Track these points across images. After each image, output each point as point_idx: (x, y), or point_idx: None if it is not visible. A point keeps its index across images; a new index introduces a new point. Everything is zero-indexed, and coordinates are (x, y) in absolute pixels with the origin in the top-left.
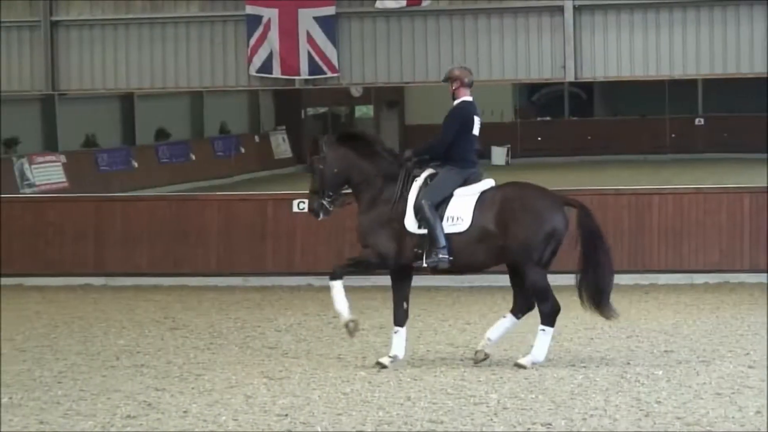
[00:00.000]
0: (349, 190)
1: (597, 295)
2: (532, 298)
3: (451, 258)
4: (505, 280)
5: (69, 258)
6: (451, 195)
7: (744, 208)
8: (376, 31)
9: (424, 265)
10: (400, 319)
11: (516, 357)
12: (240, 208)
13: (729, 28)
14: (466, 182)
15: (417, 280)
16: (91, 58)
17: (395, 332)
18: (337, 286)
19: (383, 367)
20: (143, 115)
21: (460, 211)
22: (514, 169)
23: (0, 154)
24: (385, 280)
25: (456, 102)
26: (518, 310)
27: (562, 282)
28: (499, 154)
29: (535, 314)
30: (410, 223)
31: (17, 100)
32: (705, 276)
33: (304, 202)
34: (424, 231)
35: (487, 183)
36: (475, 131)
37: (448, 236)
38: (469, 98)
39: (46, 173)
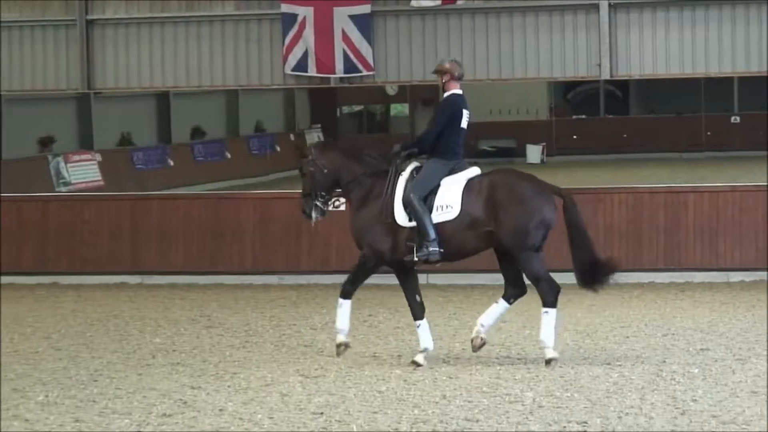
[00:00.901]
0: (340, 191)
1: (583, 276)
2: (535, 285)
3: (441, 250)
4: None
5: (105, 256)
6: (439, 185)
7: None
8: (411, 29)
9: (415, 258)
10: (417, 312)
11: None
12: (275, 206)
13: (764, 25)
14: (452, 172)
15: (453, 278)
16: (126, 57)
17: (418, 326)
18: (345, 305)
19: (418, 365)
20: (179, 114)
21: (449, 199)
22: (549, 168)
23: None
24: (420, 279)
25: (446, 95)
26: (510, 296)
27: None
28: (534, 153)
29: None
30: (401, 217)
31: (53, 98)
32: (741, 274)
33: (339, 200)
34: (414, 223)
35: (473, 171)
36: (463, 124)
37: (440, 225)
38: (459, 91)
39: (82, 172)
